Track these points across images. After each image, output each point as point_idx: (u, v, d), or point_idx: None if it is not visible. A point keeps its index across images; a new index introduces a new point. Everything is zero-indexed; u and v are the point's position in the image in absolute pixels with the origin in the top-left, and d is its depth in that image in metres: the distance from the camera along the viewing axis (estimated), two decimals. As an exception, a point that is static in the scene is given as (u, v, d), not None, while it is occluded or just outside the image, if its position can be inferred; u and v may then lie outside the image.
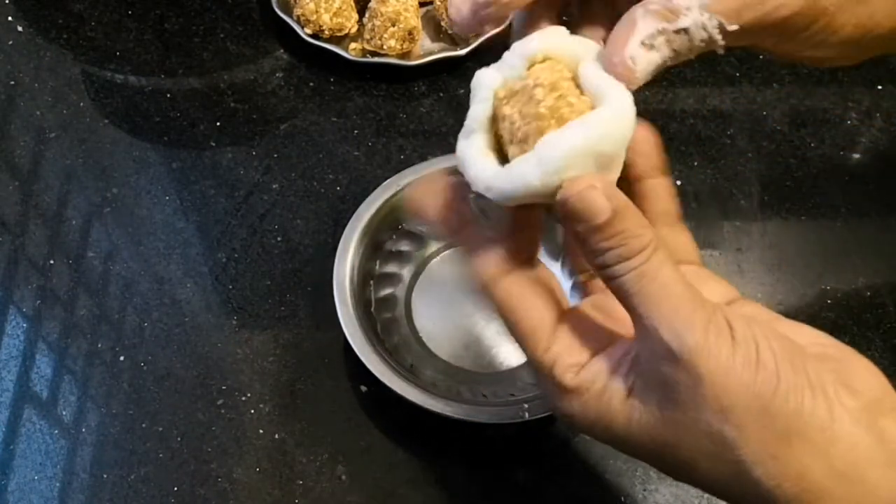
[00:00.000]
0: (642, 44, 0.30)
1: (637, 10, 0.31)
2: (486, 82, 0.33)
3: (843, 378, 0.29)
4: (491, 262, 0.32)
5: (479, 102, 0.33)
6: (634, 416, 0.31)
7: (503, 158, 0.32)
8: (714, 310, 0.29)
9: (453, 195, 0.34)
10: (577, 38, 0.33)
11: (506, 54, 0.33)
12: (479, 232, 0.33)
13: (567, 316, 0.33)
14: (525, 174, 0.29)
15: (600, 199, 0.29)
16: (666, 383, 0.29)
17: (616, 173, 0.31)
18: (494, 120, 0.32)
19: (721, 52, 0.31)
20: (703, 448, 0.29)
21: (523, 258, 0.33)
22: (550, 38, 0.32)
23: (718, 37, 0.31)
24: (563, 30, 0.33)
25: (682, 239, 0.36)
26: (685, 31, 0.30)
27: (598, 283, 0.37)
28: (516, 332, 0.32)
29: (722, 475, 0.30)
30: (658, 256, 0.29)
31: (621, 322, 0.32)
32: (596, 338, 0.32)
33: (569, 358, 0.32)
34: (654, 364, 0.29)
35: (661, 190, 0.36)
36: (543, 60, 0.32)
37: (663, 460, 0.31)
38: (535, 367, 0.32)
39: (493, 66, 0.34)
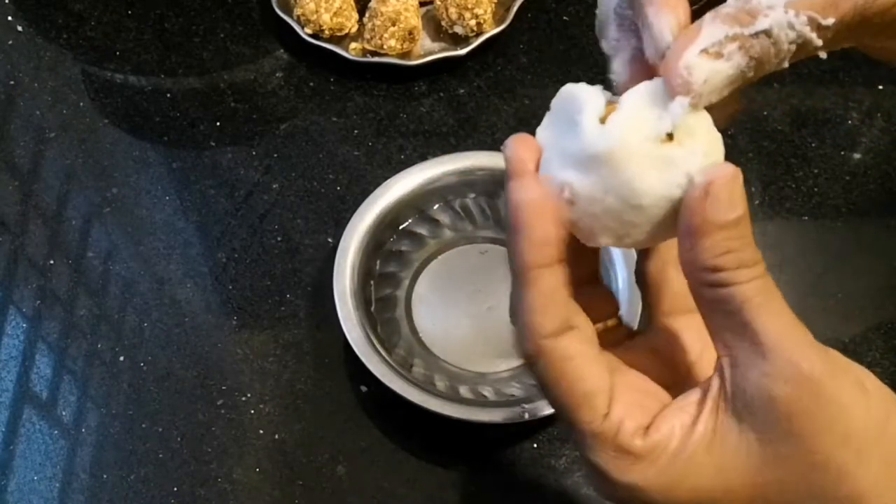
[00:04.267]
0: (706, 52, 0.27)
1: (707, 15, 0.27)
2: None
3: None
4: (556, 316, 0.28)
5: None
6: (727, 464, 0.27)
7: None
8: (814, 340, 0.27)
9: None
10: None
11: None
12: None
13: (620, 373, 0.29)
14: None
15: (741, 193, 0.26)
16: (780, 410, 0.26)
17: None
18: None
19: (822, 54, 0.28)
20: (817, 483, 0.26)
21: (571, 313, 0.29)
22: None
23: (812, 35, 0.27)
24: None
25: None
26: (766, 33, 0.27)
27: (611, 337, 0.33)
28: (566, 400, 0.28)
29: None
30: (770, 276, 0.27)
31: (677, 367, 0.30)
32: (656, 390, 0.29)
33: (632, 421, 0.28)
34: (767, 388, 0.26)
35: None
36: None
37: None
38: (589, 440, 0.28)
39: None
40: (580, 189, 0.28)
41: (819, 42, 0.27)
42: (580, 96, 0.29)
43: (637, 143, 0.27)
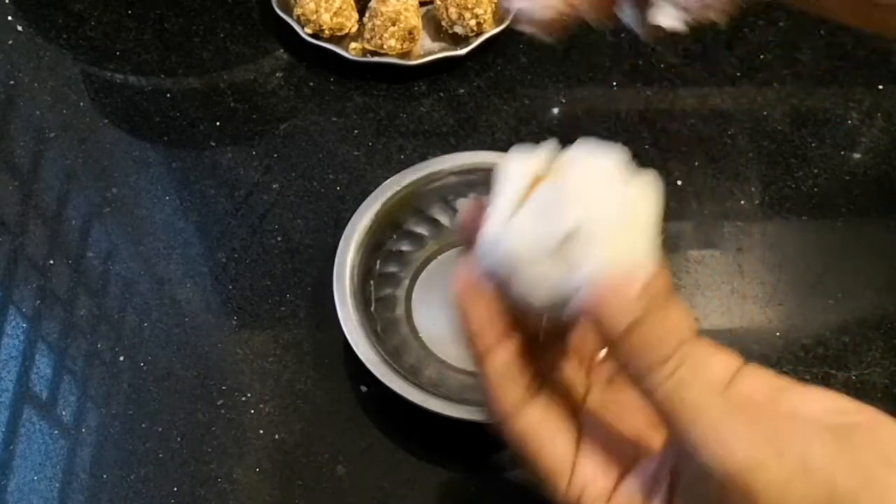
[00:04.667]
0: None
1: None
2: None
3: (882, 452, 0.27)
4: (511, 394, 0.29)
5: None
6: None
7: None
8: (757, 415, 0.27)
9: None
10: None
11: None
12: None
13: (585, 436, 0.30)
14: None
15: (632, 299, 0.26)
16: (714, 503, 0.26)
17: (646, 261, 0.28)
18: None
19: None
20: None
21: (539, 383, 0.30)
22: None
23: None
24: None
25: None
26: None
27: (601, 374, 0.33)
28: (534, 469, 0.29)
29: None
30: (692, 360, 0.26)
31: (641, 424, 0.29)
32: (620, 454, 0.29)
33: (595, 487, 0.28)
34: (700, 485, 0.26)
35: None
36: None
37: None
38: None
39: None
40: (498, 272, 0.29)
41: None
42: (502, 177, 0.29)
43: (529, 250, 0.28)
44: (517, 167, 0.29)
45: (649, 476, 0.28)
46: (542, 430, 0.29)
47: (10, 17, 0.69)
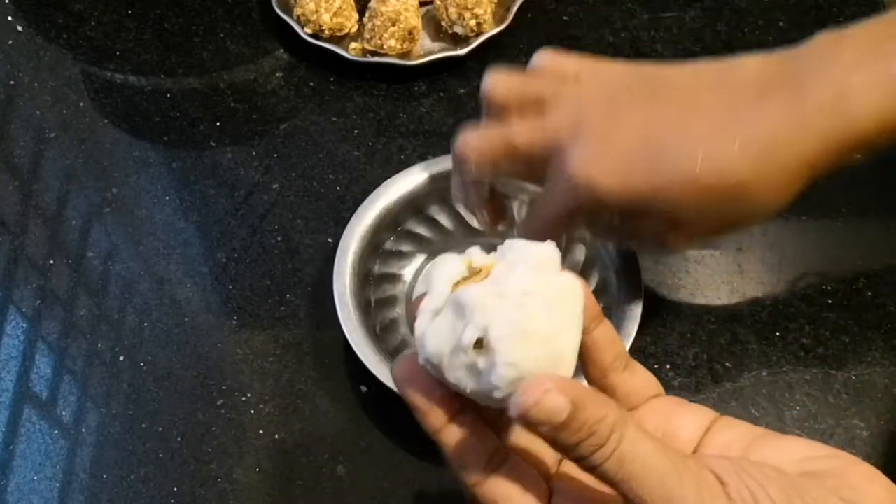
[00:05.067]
0: None
1: None
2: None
3: (845, 496, 0.28)
4: (472, 465, 0.31)
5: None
6: None
7: None
8: (701, 471, 0.28)
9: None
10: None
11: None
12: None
13: (557, 488, 0.31)
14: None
15: (556, 398, 0.27)
16: None
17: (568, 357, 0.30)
18: None
19: None
20: None
21: (505, 452, 0.31)
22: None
23: None
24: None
25: (640, 378, 0.34)
26: None
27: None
28: None
29: None
30: (630, 432, 0.28)
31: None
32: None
33: None
34: None
35: (604, 338, 0.33)
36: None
37: None
38: None
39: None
40: (431, 362, 0.30)
41: None
42: (428, 280, 0.32)
43: (446, 354, 0.29)
44: (443, 270, 0.31)
45: None
46: (509, 498, 0.30)
47: (10, 17, 0.69)
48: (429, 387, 0.31)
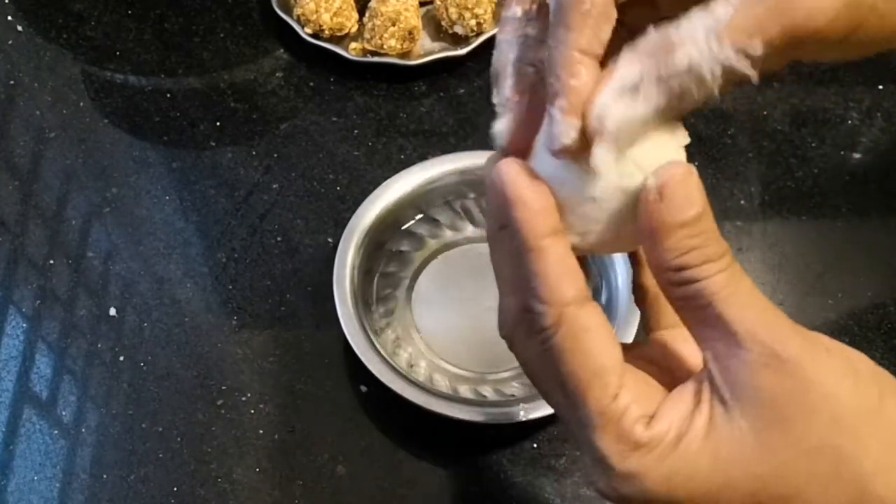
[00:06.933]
0: (621, 93, 0.26)
1: (624, 50, 0.26)
2: None
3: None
4: (570, 286, 0.27)
5: None
6: (724, 455, 0.26)
7: None
8: (794, 323, 0.27)
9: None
10: None
11: None
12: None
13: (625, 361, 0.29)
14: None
15: (697, 189, 0.26)
16: (765, 397, 0.26)
17: None
18: None
19: (755, 81, 0.26)
20: (815, 470, 0.26)
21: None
22: None
23: (743, 64, 0.25)
24: None
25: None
26: (688, 69, 0.25)
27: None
28: (578, 375, 0.27)
29: (836, 499, 0.26)
30: (737, 264, 0.27)
31: (675, 377, 0.29)
32: (656, 385, 0.28)
33: (638, 408, 0.27)
34: (749, 377, 0.26)
35: None
36: None
37: (760, 499, 0.27)
38: (595, 420, 0.27)
39: None
40: (543, 177, 0.28)
41: (750, 71, 0.25)
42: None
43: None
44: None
45: (685, 401, 0.27)
46: (601, 330, 0.27)
47: (10, 17, 0.69)
48: (545, 192, 0.28)
